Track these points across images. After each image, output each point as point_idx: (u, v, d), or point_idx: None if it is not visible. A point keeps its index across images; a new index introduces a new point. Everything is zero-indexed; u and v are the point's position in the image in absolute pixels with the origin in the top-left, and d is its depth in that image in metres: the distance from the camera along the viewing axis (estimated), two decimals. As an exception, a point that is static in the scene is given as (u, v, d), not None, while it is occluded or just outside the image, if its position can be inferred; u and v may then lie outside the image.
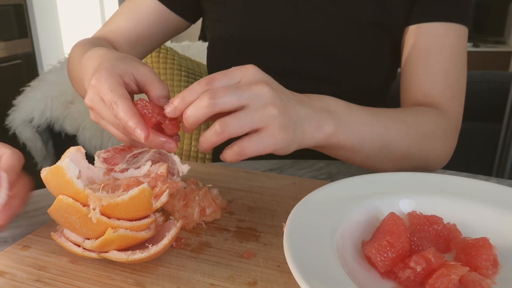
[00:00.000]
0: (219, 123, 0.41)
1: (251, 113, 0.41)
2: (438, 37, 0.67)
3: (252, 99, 0.41)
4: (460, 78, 0.68)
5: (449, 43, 0.67)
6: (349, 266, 0.37)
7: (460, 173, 0.64)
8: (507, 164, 1.79)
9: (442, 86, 0.66)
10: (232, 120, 0.41)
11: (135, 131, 0.42)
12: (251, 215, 0.51)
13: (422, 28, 0.68)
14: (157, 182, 0.46)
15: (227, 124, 0.41)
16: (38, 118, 1.69)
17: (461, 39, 0.68)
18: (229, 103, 0.41)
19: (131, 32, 0.74)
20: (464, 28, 0.68)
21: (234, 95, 0.41)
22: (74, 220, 0.38)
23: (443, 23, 0.67)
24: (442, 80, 0.66)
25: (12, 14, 2.95)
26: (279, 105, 0.42)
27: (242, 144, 0.42)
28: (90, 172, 0.47)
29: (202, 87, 0.42)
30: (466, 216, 0.45)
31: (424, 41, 0.68)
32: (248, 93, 0.41)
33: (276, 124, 0.42)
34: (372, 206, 0.45)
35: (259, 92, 0.42)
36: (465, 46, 0.68)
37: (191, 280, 0.39)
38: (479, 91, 1.64)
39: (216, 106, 0.40)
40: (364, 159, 0.55)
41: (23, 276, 0.40)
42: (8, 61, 2.92)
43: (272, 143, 0.43)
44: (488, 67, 3.54)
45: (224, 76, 0.43)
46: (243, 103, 0.41)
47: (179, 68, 1.14)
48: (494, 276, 0.39)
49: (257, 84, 0.42)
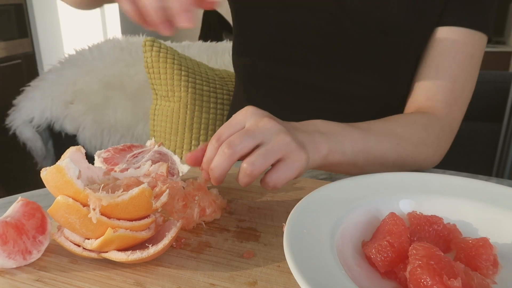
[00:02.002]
0: (247, 165, 0.44)
1: (269, 146, 0.45)
2: (456, 42, 0.67)
3: (264, 135, 0.45)
4: (467, 86, 0.68)
5: (465, 51, 0.67)
6: (349, 266, 0.37)
7: (460, 173, 0.64)
8: (507, 164, 1.79)
9: (447, 92, 0.67)
10: (256, 158, 0.44)
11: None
12: (251, 215, 0.51)
13: (443, 30, 0.68)
14: (157, 182, 0.46)
15: (254, 163, 0.44)
16: (38, 118, 1.69)
17: (478, 48, 0.67)
18: (247, 147, 0.45)
19: None
20: (484, 36, 0.68)
21: (247, 137, 0.45)
22: (74, 220, 0.38)
23: (464, 29, 0.66)
24: (448, 86, 0.67)
25: (12, 14, 2.95)
26: (287, 132, 0.46)
27: (273, 176, 0.46)
28: (90, 172, 0.47)
29: (215, 145, 0.46)
30: (466, 216, 0.45)
31: (442, 45, 0.68)
32: (258, 131, 0.45)
33: (293, 148, 0.46)
34: (372, 206, 0.45)
35: (267, 127, 0.46)
36: (480, 55, 0.68)
37: (191, 280, 0.39)
38: (479, 91, 1.63)
39: (236, 154, 0.45)
40: (359, 170, 0.57)
41: (23, 276, 0.40)
42: (8, 61, 2.92)
43: (297, 166, 0.46)
44: (488, 67, 3.53)
45: (229, 128, 0.47)
46: (258, 142, 0.45)
47: (179, 68, 1.14)
48: (494, 276, 0.39)
49: (262, 121, 0.46)
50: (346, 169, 0.58)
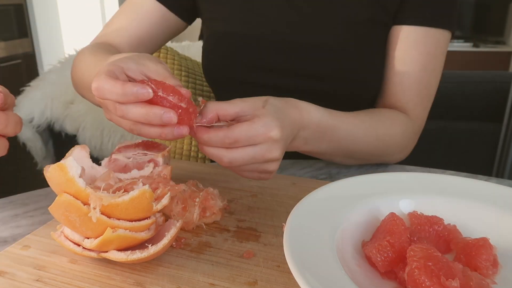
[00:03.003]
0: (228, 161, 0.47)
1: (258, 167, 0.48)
2: (417, 41, 0.68)
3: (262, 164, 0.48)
4: (431, 84, 0.70)
5: (427, 50, 0.68)
6: (349, 266, 0.37)
7: (460, 173, 0.64)
8: (507, 164, 1.79)
9: (413, 92, 0.69)
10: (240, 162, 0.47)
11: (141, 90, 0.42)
12: (251, 215, 0.51)
13: (405, 30, 0.69)
14: (159, 184, 0.46)
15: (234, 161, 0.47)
16: (38, 118, 1.69)
17: (440, 45, 0.69)
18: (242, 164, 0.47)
19: (133, 34, 0.74)
20: (446, 33, 0.68)
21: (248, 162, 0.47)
22: (74, 218, 0.38)
23: (425, 28, 0.67)
24: (414, 86, 0.69)
25: (12, 14, 2.95)
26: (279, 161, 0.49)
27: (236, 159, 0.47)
28: (93, 171, 0.47)
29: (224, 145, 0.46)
30: (466, 216, 0.45)
31: (405, 44, 0.69)
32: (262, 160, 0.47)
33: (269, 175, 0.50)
34: (372, 206, 0.45)
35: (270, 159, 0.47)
36: (443, 52, 0.70)
37: (191, 280, 0.39)
38: (479, 91, 1.64)
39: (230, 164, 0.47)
40: (328, 159, 0.66)
41: (23, 276, 0.40)
42: (8, 61, 2.92)
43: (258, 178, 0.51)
44: (488, 67, 3.54)
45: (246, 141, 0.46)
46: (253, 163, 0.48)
47: (179, 68, 1.14)
48: (494, 276, 0.39)
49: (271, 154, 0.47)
50: (317, 156, 0.64)
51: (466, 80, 1.63)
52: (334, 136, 0.59)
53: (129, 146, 0.55)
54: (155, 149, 0.55)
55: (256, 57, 0.73)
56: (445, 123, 1.63)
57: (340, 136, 0.59)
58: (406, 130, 0.68)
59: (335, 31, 0.70)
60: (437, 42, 0.68)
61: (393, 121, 0.67)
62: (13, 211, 0.53)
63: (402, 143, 0.68)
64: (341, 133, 0.59)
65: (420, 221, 0.43)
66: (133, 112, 0.43)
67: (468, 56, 3.59)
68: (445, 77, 0.95)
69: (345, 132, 0.60)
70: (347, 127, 0.60)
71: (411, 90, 0.69)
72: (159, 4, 0.74)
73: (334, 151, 0.61)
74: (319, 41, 0.71)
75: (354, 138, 0.61)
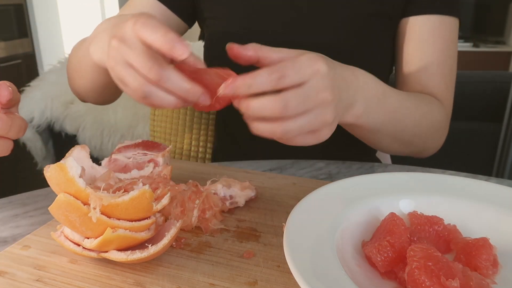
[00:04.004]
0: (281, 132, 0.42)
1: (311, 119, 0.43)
2: (433, 29, 0.69)
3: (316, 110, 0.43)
4: (452, 69, 0.71)
5: (443, 36, 0.69)
6: (349, 266, 0.37)
7: (460, 173, 0.64)
8: (507, 164, 1.79)
9: (438, 78, 0.70)
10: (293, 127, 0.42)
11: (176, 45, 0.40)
12: (251, 215, 0.51)
13: (418, 20, 0.70)
14: (159, 184, 0.46)
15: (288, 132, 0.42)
16: (38, 118, 1.69)
17: (453, 32, 0.70)
18: (296, 113, 0.42)
19: None
20: (456, 20, 0.71)
21: (302, 107, 0.41)
22: (74, 218, 0.38)
23: (438, 16, 0.69)
24: (437, 72, 0.69)
25: (12, 14, 2.95)
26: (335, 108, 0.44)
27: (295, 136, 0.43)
28: (93, 171, 0.47)
29: (272, 82, 0.41)
30: (466, 216, 0.45)
31: (420, 34, 0.70)
32: (315, 106, 0.42)
33: (328, 128, 0.45)
34: (372, 206, 0.45)
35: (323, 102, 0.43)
36: (456, 38, 0.72)
37: (191, 280, 0.39)
38: (479, 91, 1.64)
39: (284, 115, 0.41)
40: (376, 140, 0.61)
41: (23, 276, 0.40)
42: (8, 61, 2.92)
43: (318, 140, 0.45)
44: (488, 67, 3.54)
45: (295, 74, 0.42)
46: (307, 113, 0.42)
47: (179, 68, 1.14)
48: (494, 276, 0.39)
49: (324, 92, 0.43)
50: (364, 135, 0.60)
51: (466, 80, 1.63)
52: (389, 106, 0.55)
53: (129, 146, 0.55)
54: (155, 149, 0.55)
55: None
56: (445, 123, 1.63)
57: (393, 106, 0.56)
58: (441, 113, 0.67)
59: (336, 29, 0.70)
60: (451, 29, 0.70)
61: (431, 100, 0.66)
62: (13, 211, 0.53)
63: (440, 126, 0.68)
64: (394, 102, 0.56)
65: (420, 221, 0.43)
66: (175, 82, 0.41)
67: (468, 56, 3.59)
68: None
69: (398, 103, 0.57)
70: (398, 96, 0.57)
71: (436, 76, 0.69)
72: (160, 4, 0.74)
73: (386, 126, 0.57)
74: (319, 40, 0.71)
75: (405, 110, 0.58)
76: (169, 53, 0.41)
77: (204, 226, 0.47)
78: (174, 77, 0.41)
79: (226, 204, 0.51)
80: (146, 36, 0.41)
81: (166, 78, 0.41)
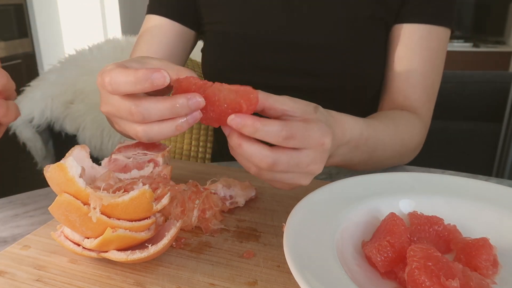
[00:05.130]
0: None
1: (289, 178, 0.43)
2: (421, 39, 0.69)
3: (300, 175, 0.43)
4: (435, 81, 0.71)
5: (430, 46, 0.69)
6: (349, 266, 0.37)
7: (460, 173, 0.64)
8: (507, 164, 1.79)
9: (420, 89, 0.70)
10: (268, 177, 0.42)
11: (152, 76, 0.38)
12: (251, 215, 0.51)
13: (408, 28, 0.70)
14: (159, 184, 0.46)
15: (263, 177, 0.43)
16: (38, 118, 1.69)
17: (442, 42, 0.70)
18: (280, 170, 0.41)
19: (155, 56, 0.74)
20: (447, 30, 0.70)
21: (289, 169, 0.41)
22: (74, 218, 0.38)
23: (429, 25, 0.68)
24: (421, 83, 0.70)
25: (12, 14, 2.95)
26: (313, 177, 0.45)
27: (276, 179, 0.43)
28: (93, 171, 0.47)
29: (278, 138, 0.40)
30: (466, 216, 0.45)
31: (409, 42, 0.70)
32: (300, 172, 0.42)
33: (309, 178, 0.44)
34: (372, 206, 0.45)
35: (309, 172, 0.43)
36: (445, 49, 0.71)
37: (191, 280, 0.39)
38: (479, 91, 1.64)
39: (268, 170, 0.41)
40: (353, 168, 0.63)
41: (23, 276, 0.40)
42: (8, 61, 2.92)
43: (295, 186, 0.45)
44: (488, 67, 3.54)
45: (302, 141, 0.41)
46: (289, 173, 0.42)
47: (179, 68, 1.14)
48: (494, 276, 0.39)
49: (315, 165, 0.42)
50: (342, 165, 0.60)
51: (466, 80, 1.63)
52: (368, 148, 0.55)
53: (129, 146, 0.55)
54: (155, 149, 0.55)
55: (256, 58, 0.73)
56: (445, 123, 1.63)
57: (372, 147, 0.56)
58: (420, 131, 0.68)
59: (335, 30, 0.70)
60: (439, 40, 0.69)
61: (411, 123, 0.67)
62: (13, 211, 0.53)
63: (418, 144, 0.69)
64: (373, 143, 0.56)
65: (420, 221, 0.43)
66: (157, 109, 0.39)
67: (468, 56, 3.59)
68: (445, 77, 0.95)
69: (376, 142, 0.57)
70: (378, 135, 0.57)
71: (418, 87, 0.69)
72: (169, 20, 0.74)
73: (364, 162, 0.59)
74: (318, 40, 0.71)
75: (384, 147, 0.59)
76: (151, 87, 0.39)
77: (204, 226, 0.47)
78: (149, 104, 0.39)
79: (226, 204, 0.51)
80: (120, 90, 0.40)
81: (147, 112, 0.39)
